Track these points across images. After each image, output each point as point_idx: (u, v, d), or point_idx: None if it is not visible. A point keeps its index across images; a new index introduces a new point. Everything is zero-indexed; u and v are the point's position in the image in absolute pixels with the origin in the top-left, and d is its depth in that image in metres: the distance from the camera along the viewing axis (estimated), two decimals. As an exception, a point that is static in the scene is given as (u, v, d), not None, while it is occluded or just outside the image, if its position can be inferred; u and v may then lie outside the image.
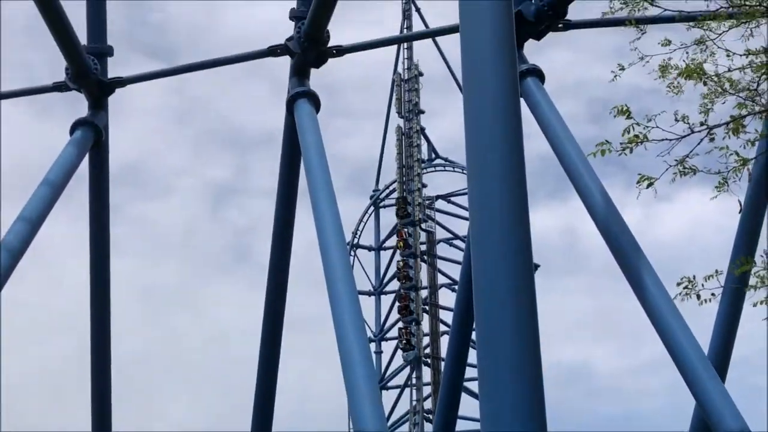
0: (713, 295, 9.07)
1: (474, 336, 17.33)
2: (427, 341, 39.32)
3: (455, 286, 39.02)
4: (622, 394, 57.97)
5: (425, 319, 40.02)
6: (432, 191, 42.59)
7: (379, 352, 40.59)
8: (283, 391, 16.94)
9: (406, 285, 39.01)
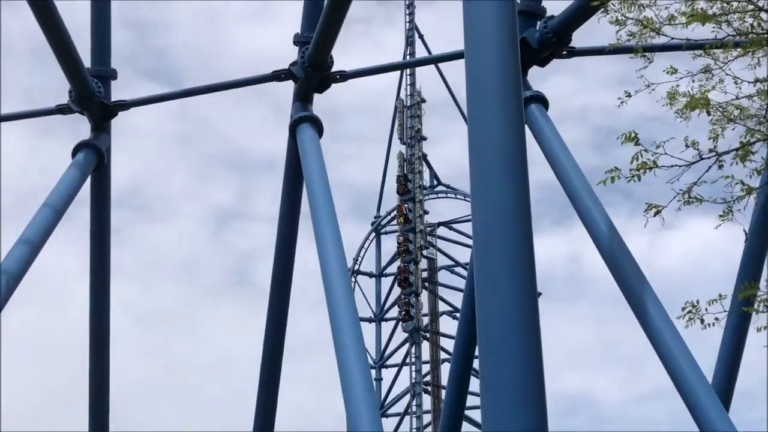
0: (717, 319, 9.00)
1: (476, 364, 17.22)
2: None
3: (456, 314, 38.90)
4: (626, 423, 57.66)
5: (425, 345, 39.86)
6: (434, 218, 42.57)
7: (379, 379, 40.38)
8: (283, 416, 16.84)
9: (407, 258, 39.62)
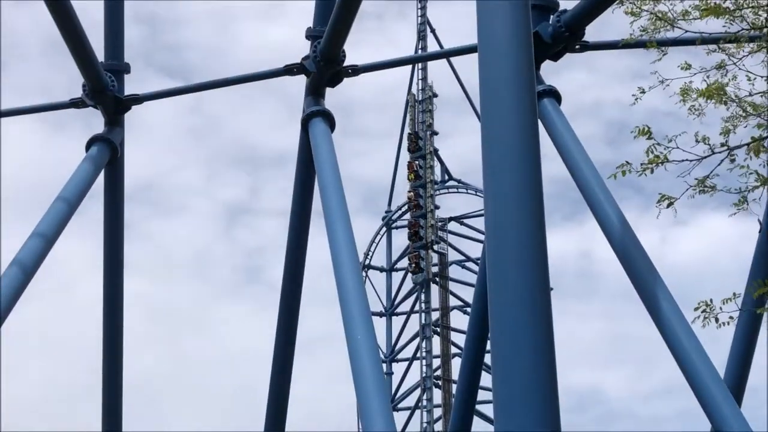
0: (731, 318, 8.98)
1: (487, 359, 17.21)
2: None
3: (467, 308, 38.90)
4: (636, 420, 57.54)
5: (436, 340, 39.87)
6: (445, 213, 42.56)
7: (390, 374, 40.42)
8: (295, 410, 16.87)
9: (416, 213, 39.85)
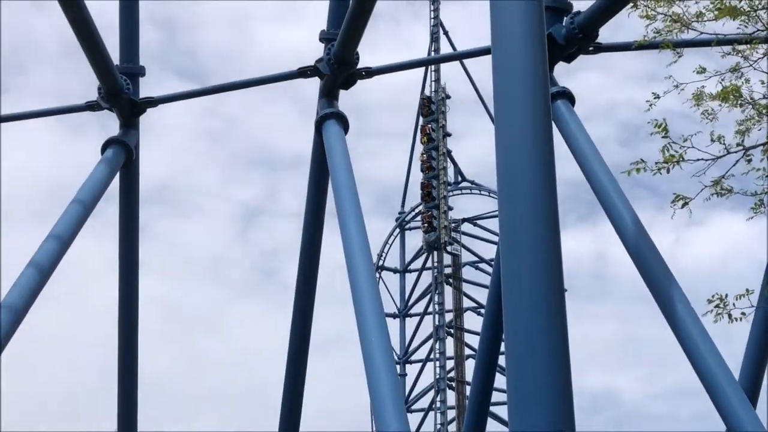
0: (743, 314, 8.97)
1: (501, 360, 17.20)
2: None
3: (480, 310, 38.88)
4: (650, 421, 57.31)
5: (450, 341, 39.86)
6: (458, 214, 42.53)
7: (403, 375, 40.43)
8: (308, 411, 16.90)
9: (429, 175, 40.14)
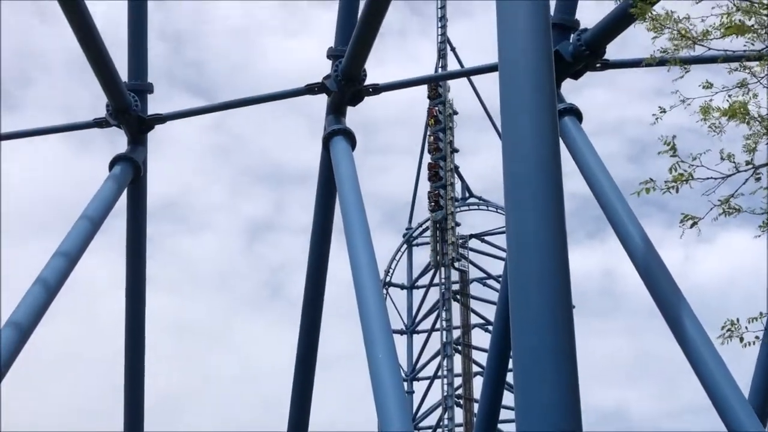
0: (757, 337, 8.91)
1: (509, 377, 17.15)
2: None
3: (488, 326, 38.76)
4: (660, 438, 56.94)
5: (457, 358, 39.73)
6: (466, 230, 42.46)
7: (411, 392, 40.28)
8: (315, 427, 16.86)
9: (436, 156, 40.43)
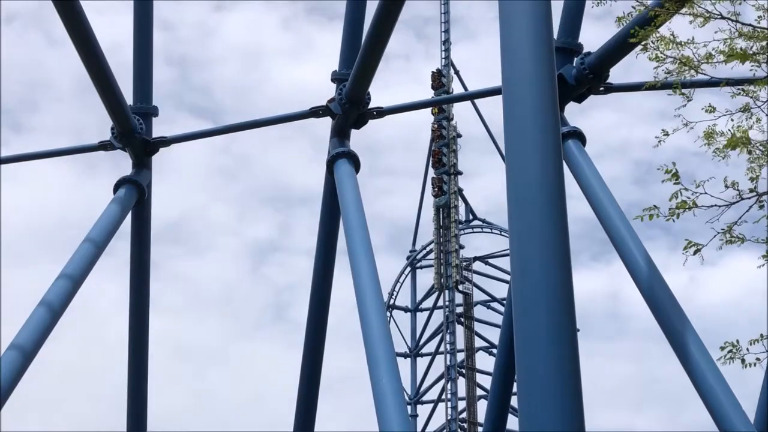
0: (758, 359, 8.86)
1: (513, 401, 17.07)
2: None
3: (493, 350, 38.63)
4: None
5: (461, 382, 39.58)
6: (470, 253, 42.45)
7: (414, 416, 40.13)
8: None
9: (440, 143, 40.41)
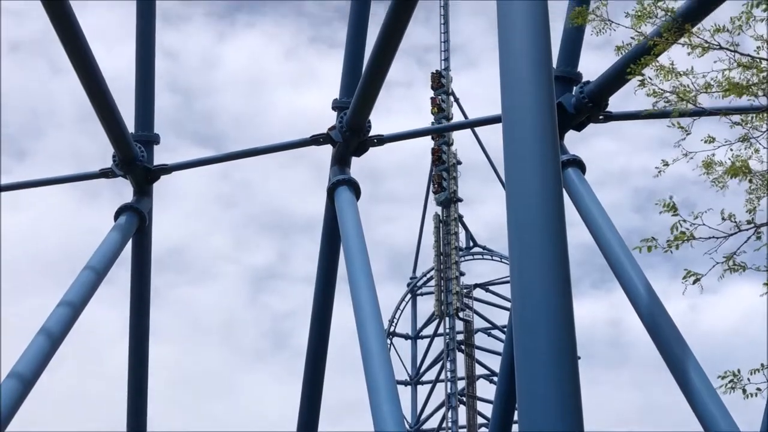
0: (759, 389, 8.84)
1: (515, 429, 17.01)
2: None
3: (493, 377, 38.49)
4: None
5: (462, 410, 39.40)
6: (470, 280, 42.38)
7: (415, 443, 39.97)
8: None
9: (440, 141, 40.43)
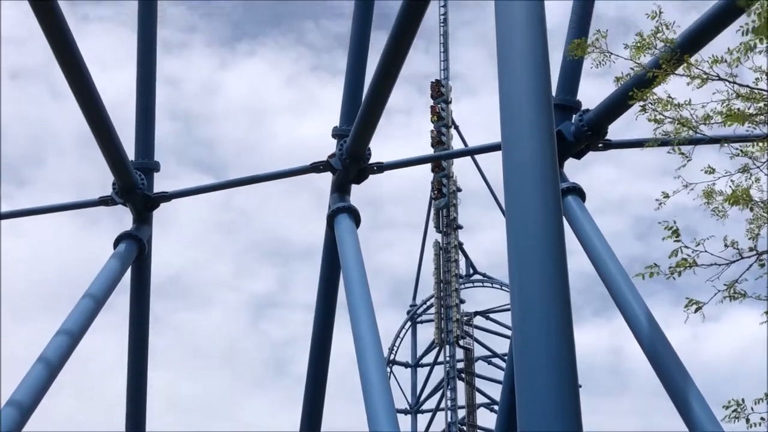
0: (762, 419, 8.80)
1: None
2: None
3: (494, 406, 38.29)
4: None
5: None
6: (470, 307, 42.26)
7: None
8: None
9: (440, 150, 39.76)
